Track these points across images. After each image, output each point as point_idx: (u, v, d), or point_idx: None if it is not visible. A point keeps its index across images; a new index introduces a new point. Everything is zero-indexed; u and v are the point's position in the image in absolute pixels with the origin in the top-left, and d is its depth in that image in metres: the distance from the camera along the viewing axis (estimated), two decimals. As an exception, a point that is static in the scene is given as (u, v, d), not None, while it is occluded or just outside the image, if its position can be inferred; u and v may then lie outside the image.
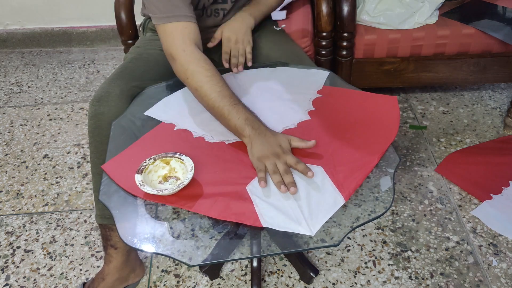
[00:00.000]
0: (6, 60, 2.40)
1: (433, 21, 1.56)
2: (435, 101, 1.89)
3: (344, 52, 1.55)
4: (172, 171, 0.87)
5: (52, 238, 1.40)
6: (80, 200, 1.52)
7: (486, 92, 1.92)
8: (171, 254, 0.83)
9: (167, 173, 0.87)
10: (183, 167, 0.86)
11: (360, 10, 1.57)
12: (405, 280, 1.23)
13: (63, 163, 1.68)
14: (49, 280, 1.28)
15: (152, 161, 0.86)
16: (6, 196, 1.55)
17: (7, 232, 1.43)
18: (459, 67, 1.61)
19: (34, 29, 2.43)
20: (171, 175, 0.87)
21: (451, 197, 1.45)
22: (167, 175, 0.87)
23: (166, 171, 0.87)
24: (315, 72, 1.12)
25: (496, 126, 1.74)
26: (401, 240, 1.33)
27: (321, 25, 1.47)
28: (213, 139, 0.93)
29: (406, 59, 1.59)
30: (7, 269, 1.31)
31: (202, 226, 0.91)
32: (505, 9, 1.63)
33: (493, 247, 1.30)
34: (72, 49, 2.47)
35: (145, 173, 0.84)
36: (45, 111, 1.97)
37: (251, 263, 1.20)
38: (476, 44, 1.56)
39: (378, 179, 1.01)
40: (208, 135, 0.94)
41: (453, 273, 1.24)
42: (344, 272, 1.26)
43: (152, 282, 1.25)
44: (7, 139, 1.82)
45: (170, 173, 0.87)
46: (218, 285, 1.24)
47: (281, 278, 1.25)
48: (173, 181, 0.86)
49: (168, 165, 0.87)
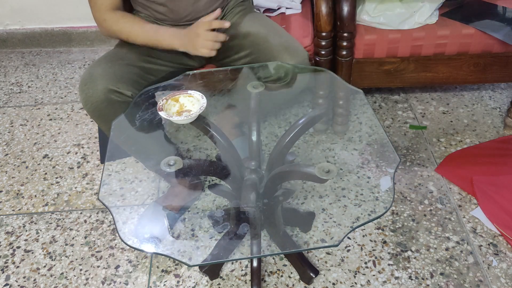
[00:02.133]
0: (6, 60, 2.40)
1: (433, 21, 1.56)
2: (435, 101, 1.89)
3: (344, 52, 1.55)
4: (182, 106, 1.00)
5: (52, 238, 1.40)
6: (80, 200, 1.52)
7: (486, 92, 1.92)
8: (171, 254, 0.83)
9: (178, 109, 1.00)
10: (191, 99, 1.00)
11: (360, 10, 1.57)
12: (405, 280, 1.23)
13: (63, 163, 1.68)
14: (49, 280, 1.28)
15: (165, 101, 0.99)
16: (6, 196, 1.55)
17: (7, 232, 1.43)
18: (459, 67, 1.61)
19: (34, 29, 2.42)
20: (182, 110, 1.00)
21: (451, 197, 1.45)
22: (179, 111, 1.00)
23: (178, 107, 1.00)
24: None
25: (496, 126, 1.74)
26: (401, 240, 1.33)
27: (320, 25, 1.47)
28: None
29: (406, 59, 1.59)
30: (7, 269, 1.31)
31: (202, 226, 0.91)
32: (505, 9, 1.63)
33: (493, 247, 1.30)
34: (72, 49, 2.47)
35: (164, 110, 0.97)
36: (45, 111, 1.97)
37: (251, 263, 1.20)
38: (476, 44, 1.56)
39: (378, 179, 1.01)
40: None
41: (453, 273, 1.24)
42: (344, 272, 1.26)
43: (152, 282, 1.25)
44: (7, 139, 1.82)
45: (181, 109, 1.00)
46: (218, 285, 1.24)
47: (281, 278, 1.25)
48: (186, 113, 0.98)
49: (178, 102, 1.00)
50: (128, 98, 1.08)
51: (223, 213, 0.98)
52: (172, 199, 1.17)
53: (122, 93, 1.07)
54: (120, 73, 1.10)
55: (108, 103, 1.06)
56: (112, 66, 1.10)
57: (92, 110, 1.08)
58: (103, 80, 1.06)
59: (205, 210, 0.99)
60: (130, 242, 0.83)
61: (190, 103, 1.01)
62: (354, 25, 1.50)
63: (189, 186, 1.18)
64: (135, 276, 1.27)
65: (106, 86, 1.05)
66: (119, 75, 1.09)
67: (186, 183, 1.14)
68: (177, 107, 1.00)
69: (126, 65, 1.12)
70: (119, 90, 1.07)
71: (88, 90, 1.06)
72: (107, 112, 1.07)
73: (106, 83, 1.06)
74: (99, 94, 1.05)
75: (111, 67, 1.10)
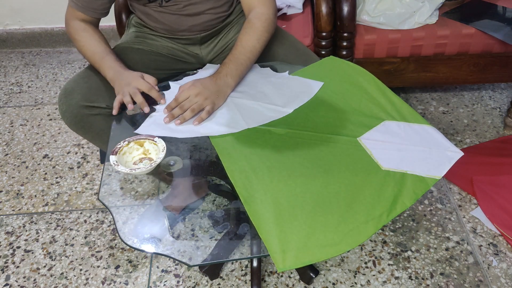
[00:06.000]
0: (6, 60, 2.40)
1: (433, 21, 1.56)
2: (435, 101, 1.89)
3: (344, 52, 1.55)
4: (146, 153, 0.92)
5: (52, 238, 1.40)
6: (80, 200, 1.52)
7: (486, 92, 1.92)
8: (171, 254, 0.83)
9: (141, 154, 0.93)
10: (156, 148, 0.91)
11: (360, 10, 1.57)
12: (405, 280, 1.23)
13: (63, 163, 1.68)
14: (49, 280, 1.28)
15: (126, 143, 0.92)
16: (6, 196, 1.55)
17: (7, 232, 1.43)
18: (459, 67, 1.61)
19: (34, 29, 2.42)
20: (145, 157, 0.92)
21: (451, 197, 1.45)
22: (142, 158, 0.92)
23: (140, 153, 0.92)
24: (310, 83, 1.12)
25: (496, 126, 1.74)
26: (401, 240, 1.33)
27: (320, 25, 1.47)
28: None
29: (406, 59, 1.59)
30: (7, 269, 1.31)
31: (202, 226, 0.91)
32: (505, 9, 1.63)
33: (493, 247, 1.30)
34: (72, 49, 2.47)
35: (119, 154, 0.90)
36: (45, 111, 1.97)
37: (251, 263, 1.20)
38: (476, 44, 1.56)
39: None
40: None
41: (453, 273, 1.24)
42: (344, 272, 1.26)
43: (152, 282, 1.25)
44: (7, 139, 1.82)
45: (145, 154, 0.93)
46: (218, 285, 1.24)
47: (281, 278, 1.25)
48: (146, 162, 0.91)
49: (142, 147, 0.93)
50: (104, 109, 1.09)
51: (223, 213, 0.98)
52: (174, 200, 1.17)
53: (96, 106, 1.08)
54: (96, 87, 1.10)
55: (82, 117, 1.08)
56: (88, 80, 1.12)
57: (69, 124, 1.11)
58: (77, 95, 1.08)
59: (205, 210, 0.98)
60: (130, 242, 0.83)
61: (154, 151, 0.93)
62: (354, 25, 1.50)
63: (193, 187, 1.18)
64: (135, 276, 1.27)
65: (78, 102, 1.07)
66: (94, 89, 1.10)
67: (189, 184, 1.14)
68: (139, 152, 0.94)
69: (104, 78, 1.13)
70: (92, 104, 1.07)
71: (63, 106, 1.09)
72: (83, 125, 1.09)
73: (79, 99, 1.07)
74: (72, 109, 1.07)
75: (86, 82, 1.11)
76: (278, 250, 0.74)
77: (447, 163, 0.89)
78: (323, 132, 0.97)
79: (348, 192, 0.83)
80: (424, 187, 0.84)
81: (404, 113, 1.01)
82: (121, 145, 0.92)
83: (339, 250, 0.75)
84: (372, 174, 0.87)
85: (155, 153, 0.92)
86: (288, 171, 0.88)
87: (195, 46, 1.29)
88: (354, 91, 1.08)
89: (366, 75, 1.13)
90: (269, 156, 0.92)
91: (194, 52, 1.30)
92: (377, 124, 0.98)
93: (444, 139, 0.94)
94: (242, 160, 0.91)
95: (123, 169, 0.86)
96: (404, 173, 0.86)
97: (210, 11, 1.21)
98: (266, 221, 0.79)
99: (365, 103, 1.04)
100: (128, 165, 0.90)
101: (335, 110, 1.03)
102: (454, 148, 0.92)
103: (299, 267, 0.76)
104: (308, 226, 0.78)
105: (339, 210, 0.80)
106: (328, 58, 1.22)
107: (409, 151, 0.91)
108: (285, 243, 0.75)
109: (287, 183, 0.85)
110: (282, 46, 1.23)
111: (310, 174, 0.87)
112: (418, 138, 0.95)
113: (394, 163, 0.88)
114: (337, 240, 0.76)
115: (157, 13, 1.20)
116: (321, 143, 0.94)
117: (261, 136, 0.96)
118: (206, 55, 1.30)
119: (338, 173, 0.87)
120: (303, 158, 0.91)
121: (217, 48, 1.30)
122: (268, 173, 0.88)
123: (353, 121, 0.99)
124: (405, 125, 0.97)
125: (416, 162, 0.89)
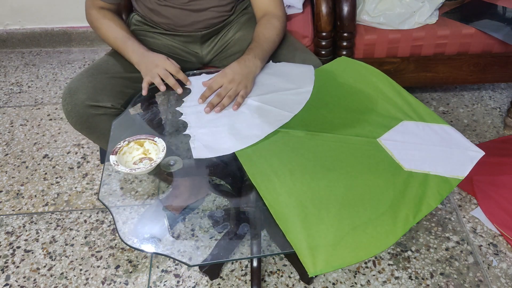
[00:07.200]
0: (6, 60, 2.40)
1: (433, 21, 1.56)
2: (435, 101, 1.89)
3: (344, 52, 1.55)
4: (146, 153, 0.92)
5: (52, 238, 1.40)
6: (80, 200, 1.52)
7: (486, 92, 1.92)
8: (171, 254, 0.83)
9: (141, 154, 0.92)
10: (156, 148, 0.91)
11: (360, 10, 1.57)
12: (405, 280, 1.23)
13: (63, 163, 1.68)
14: (49, 280, 1.28)
15: (126, 143, 0.91)
16: (6, 196, 1.55)
17: (7, 232, 1.43)
18: (459, 67, 1.61)
19: (34, 29, 2.42)
20: (145, 157, 0.92)
21: (451, 197, 1.45)
22: (142, 158, 0.92)
23: (140, 153, 0.92)
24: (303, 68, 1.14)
25: (496, 126, 1.73)
26: (401, 240, 1.33)
27: (320, 25, 1.47)
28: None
29: (406, 59, 1.59)
30: (7, 269, 1.31)
31: (202, 226, 0.91)
32: (505, 9, 1.63)
33: (493, 247, 1.30)
34: (72, 49, 2.47)
35: (119, 154, 0.88)
36: (45, 111, 1.97)
37: (251, 263, 1.20)
38: (476, 44, 1.56)
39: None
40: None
41: (453, 273, 1.24)
42: (344, 272, 1.26)
43: (152, 282, 1.25)
44: (7, 139, 1.82)
45: (145, 154, 0.92)
46: (218, 285, 1.24)
47: (281, 278, 1.25)
48: (146, 162, 0.90)
49: (142, 147, 0.92)
50: (109, 109, 1.09)
51: (223, 213, 0.98)
52: (174, 200, 1.17)
53: (101, 106, 1.08)
54: (101, 86, 1.11)
55: (87, 117, 1.08)
56: (93, 79, 1.11)
57: (74, 124, 1.11)
58: (82, 95, 1.07)
59: (205, 210, 0.98)
60: (130, 242, 0.83)
61: (154, 151, 0.93)
62: (354, 25, 1.50)
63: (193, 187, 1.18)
64: (135, 276, 1.27)
65: (84, 101, 1.07)
66: (99, 88, 1.10)
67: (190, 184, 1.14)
68: (139, 152, 0.94)
69: (109, 78, 1.13)
70: (97, 104, 1.08)
71: (68, 106, 1.08)
72: (89, 125, 1.09)
73: (84, 99, 1.07)
74: (77, 109, 1.07)
75: (91, 81, 1.11)
76: (307, 254, 0.74)
77: (469, 163, 0.89)
78: (342, 133, 0.96)
79: (373, 194, 0.83)
80: (449, 188, 0.84)
81: (421, 113, 1.00)
82: (121, 145, 0.92)
83: (369, 253, 0.74)
84: (395, 175, 0.86)
85: (155, 153, 0.92)
86: (310, 174, 0.87)
87: (196, 45, 1.29)
88: (369, 92, 1.08)
89: (380, 75, 1.12)
90: (290, 159, 0.90)
91: (194, 51, 1.30)
92: (395, 125, 0.98)
93: (464, 138, 0.94)
94: (263, 163, 0.90)
95: (123, 169, 0.86)
96: (427, 173, 0.86)
97: (214, 9, 1.22)
98: (293, 224, 0.78)
99: (382, 104, 1.04)
100: (128, 165, 0.90)
101: (351, 111, 1.02)
102: (475, 148, 0.91)
103: (330, 271, 0.76)
104: (336, 229, 0.77)
105: (365, 213, 0.79)
106: (340, 59, 1.21)
107: (430, 151, 0.91)
108: (314, 247, 0.74)
109: (310, 186, 0.84)
110: (281, 46, 1.23)
111: (332, 176, 0.86)
112: (437, 138, 0.94)
113: (416, 164, 0.88)
114: (366, 243, 0.75)
115: (160, 7, 1.20)
116: (340, 144, 0.93)
117: (280, 139, 0.95)
118: (206, 54, 1.31)
119: (361, 175, 0.86)
120: (324, 160, 0.90)
121: (216, 47, 1.31)
122: (290, 176, 0.87)
123: (371, 122, 0.99)
124: (424, 125, 0.97)
125: (438, 162, 0.88)
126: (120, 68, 1.17)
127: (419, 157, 0.90)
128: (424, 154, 0.91)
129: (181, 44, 1.29)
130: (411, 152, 0.91)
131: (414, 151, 0.91)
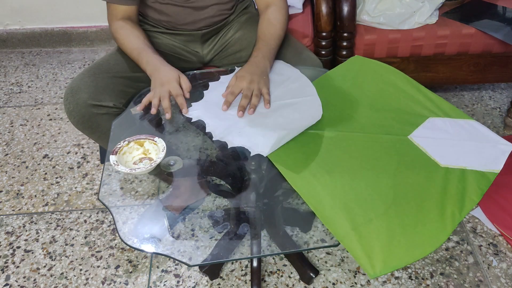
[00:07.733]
0: (6, 60, 2.40)
1: (433, 21, 1.56)
2: (435, 101, 1.89)
3: (344, 52, 1.55)
4: (146, 152, 0.92)
5: (52, 238, 1.40)
6: (80, 200, 1.52)
7: (486, 92, 1.92)
8: (171, 254, 0.83)
9: (141, 154, 0.92)
10: (156, 148, 0.91)
11: (360, 10, 1.56)
12: (405, 280, 1.23)
13: (63, 163, 1.68)
14: (49, 280, 1.28)
15: (126, 143, 0.91)
16: (6, 196, 1.55)
17: (7, 232, 1.43)
18: (459, 67, 1.61)
19: (34, 29, 2.42)
20: (145, 157, 0.92)
21: (451, 197, 1.45)
22: (142, 158, 0.92)
23: (140, 153, 0.92)
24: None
25: (496, 126, 1.73)
26: (401, 240, 1.34)
27: (320, 25, 1.47)
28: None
29: (406, 59, 1.59)
30: (7, 269, 1.31)
31: (202, 226, 0.91)
32: (505, 9, 1.63)
33: (493, 247, 1.30)
34: (72, 49, 2.47)
35: (119, 154, 0.88)
36: (45, 111, 1.97)
37: (251, 263, 1.20)
38: (476, 44, 1.56)
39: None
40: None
41: (453, 273, 1.24)
42: (344, 272, 1.26)
43: (152, 282, 1.25)
44: (7, 139, 1.82)
45: (145, 154, 0.92)
46: (218, 285, 1.24)
47: (281, 278, 1.25)
48: (146, 162, 0.90)
49: (142, 147, 0.92)
50: (111, 108, 1.09)
51: (223, 213, 0.98)
52: (175, 200, 1.17)
53: (103, 105, 1.08)
54: (103, 85, 1.10)
55: (90, 116, 1.08)
56: (95, 79, 1.11)
57: (75, 123, 1.11)
58: (84, 94, 1.07)
59: (205, 210, 0.98)
60: (130, 242, 0.83)
61: (154, 151, 0.93)
62: (354, 25, 1.50)
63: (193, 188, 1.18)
64: (135, 276, 1.27)
65: (86, 100, 1.07)
66: (101, 88, 1.10)
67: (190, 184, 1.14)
68: (139, 152, 0.93)
69: (111, 77, 1.13)
70: (99, 103, 1.08)
71: (70, 105, 1.08)
72: (91, 124, 1.09)
73: (86, 98, 1.07)
74: (79, 108, 1.07)
75: (93, 81, 1.11)
76: (364, 256, 0.73)
77: (501, 156, 0.89)
78: (372, 132, 0.95)
79: (415, 192, 0.82)
80: (487, 182, 0.84)
81: (445, 109, 1.00)
82: (121, 145, 0.92)
83: (424, 251, 0.74)
84: (433, 172, 0.86)
85: (155, 153, 0.92)
86: (349, 174, 0.86)
87: (196, 44, 1.30)
88: (390, 90, 1.07)
89: (398, 74, 1.12)
90: (326, 160, 0.89)
91: (194, 50, 1.30)
92: (422, 122, 0.97)
93: (491, 132, 0.94)
94: (299, 166, 0.88)
95: (123, 169, 0.86)
96: (464, 169, 0.86)
97: (215, 7, 1.22)
98: (343, 227, 0.77)
99: (404, 101, 1.03)
100: (128, 165, 0.90)
101: (377, 110, 1.02)
102: (503, 141, 0.91)
103: (389, 272, 0.75)
104: (386, 229, 0.76)
105: (412, 211, 0.79)
106: (354, 58, 1.20)
107: (462, 147, 0.91)
108: (368, 249, 0.74)
109: (352, 186, 0.83)
110: (282, 46, 1.23)
111: (372, 175, 0.86)
112: (466, 133, 0.94)
113: (451, 159, 0.88)
114: (419, 241, 0.75)
115: (161, 5, 1.20)
116: (373, 143, 0.92)
117: (311, 140, 0.94)
118: (206, 53, 1.31)
119: (399, 173, 0.86)
120: (360, 159, 0.89)
121: (217, 47, 1.31)
122: (329, 177, 0.85)
123: (398, 120, 0.98)
124: (450, 121, 0.97)
125: (472, 157, 0.88)
126: (122, 67, 1.17)
127: (453, 152, 0.89)
128: (457, 149, 0.90)
129: (181, 43, 1.29)
130: (443, 148, 0.91)
131: (446, 147, 0.91)
